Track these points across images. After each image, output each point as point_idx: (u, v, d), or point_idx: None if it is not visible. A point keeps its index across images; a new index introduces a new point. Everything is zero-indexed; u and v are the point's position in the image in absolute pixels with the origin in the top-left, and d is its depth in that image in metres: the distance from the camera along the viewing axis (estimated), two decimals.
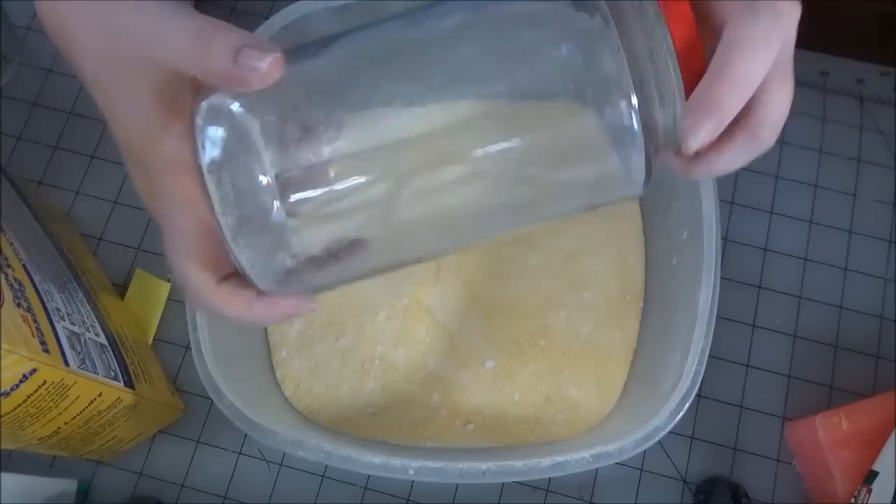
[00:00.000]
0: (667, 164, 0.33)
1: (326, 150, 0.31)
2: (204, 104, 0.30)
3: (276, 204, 0.30)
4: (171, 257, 0.33)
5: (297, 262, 0.32)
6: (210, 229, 0.31)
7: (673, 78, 0.30)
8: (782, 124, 0.32)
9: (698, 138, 0.31)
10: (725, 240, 0.59)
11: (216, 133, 0.30)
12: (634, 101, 0.29)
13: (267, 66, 0.29)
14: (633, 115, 0.29)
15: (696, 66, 0.31)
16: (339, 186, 0.31)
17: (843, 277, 0.58)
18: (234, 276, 0.33)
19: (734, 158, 0.33)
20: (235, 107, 0.30)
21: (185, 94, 0.31)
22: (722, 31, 0.31)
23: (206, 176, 0.30)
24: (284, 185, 0.30)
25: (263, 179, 0.30)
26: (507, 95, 0.31)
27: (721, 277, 0.47)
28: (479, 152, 0.31)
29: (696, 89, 0.31)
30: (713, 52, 0.31)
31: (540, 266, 0.56)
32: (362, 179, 0.31)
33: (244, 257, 0.31)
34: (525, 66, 0.31)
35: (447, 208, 0.32)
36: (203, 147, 0.30)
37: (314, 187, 0.31)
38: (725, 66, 0.30)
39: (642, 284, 0.56)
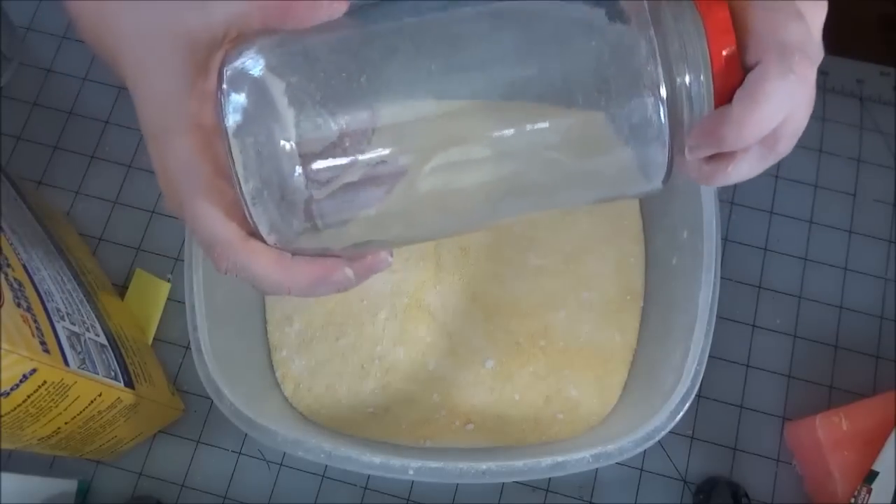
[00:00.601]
0: (684, 170, 0.33)
1: (350, 121, 0.31)
2: (232, 68, 0.30)
3: (298, 169, 0.30)
4: (194, 211, 0.31)
5: (316, 229, 0.32)
6: (230, 177, 0.30)
7: (703, 81, 0.30)
8: (799, 135, 0.32)
9: (693, 155, 0.32)
10: (725, 240, 0.59)
11: (243, 98, 0.30)
12: (664, 94, 0.30)
13: None
14: (662, 110, 0.30)
15: (731, 79, 0.31)
16: (360, 157, 0.31)
17: (843, 277, 0.58)
18: None
19: (751, 168, 0.33)
20: (262, 72, 0.30)
21: (215, 60, 0.31)
22: (753, 63, 0.31)
23: (231, 140, 0.30)
24: (306, 152, 0.30)
25: (286, 145, 0.30)
26: (537, 80, 0.31)
27: (721, 277, 0.47)
28: (503, 133, 0.31)
29: (713, 117, 0.31)
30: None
31: (540, 266, 0.56)
32: (384, 153, 0.31)
33: (264, 222, 0.31)
34: (559, 52, 0.31)
35: (463, 187, 0.32)
36: (229, 111, 0.30)
37: (335, 156, 0.30)
38: (744, 111, 0.30)
39: (642, 284, 0.56)
